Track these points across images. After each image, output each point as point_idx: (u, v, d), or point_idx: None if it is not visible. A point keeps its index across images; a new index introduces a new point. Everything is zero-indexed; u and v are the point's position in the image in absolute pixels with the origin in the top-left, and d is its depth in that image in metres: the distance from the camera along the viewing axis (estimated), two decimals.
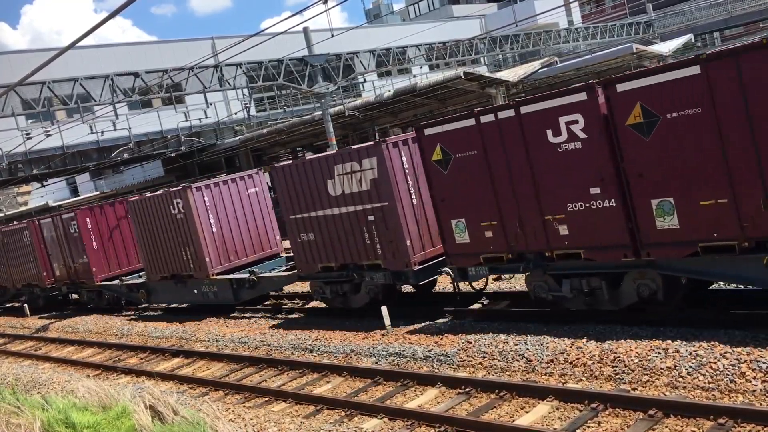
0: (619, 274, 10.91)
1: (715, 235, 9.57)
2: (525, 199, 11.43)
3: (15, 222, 32.93)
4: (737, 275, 9.83)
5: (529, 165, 11.24)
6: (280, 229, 19.65)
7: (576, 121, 10.57)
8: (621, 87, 10.00)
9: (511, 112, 11.40)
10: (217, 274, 18.71)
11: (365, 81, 47.04)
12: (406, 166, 13.78)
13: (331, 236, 14.91)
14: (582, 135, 10.54)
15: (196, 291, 19.49)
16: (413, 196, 13.83)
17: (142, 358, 16.86)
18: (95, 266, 23.20)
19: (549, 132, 10.86)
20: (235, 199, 19.29)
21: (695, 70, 9.29)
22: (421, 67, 51.30)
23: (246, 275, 17.87)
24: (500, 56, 53.07)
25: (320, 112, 31.43)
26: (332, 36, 27.29)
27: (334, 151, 15.44)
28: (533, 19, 47.46)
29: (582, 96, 10.45)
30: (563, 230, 11.06)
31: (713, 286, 11.82)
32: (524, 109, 11.19)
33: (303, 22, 32.03)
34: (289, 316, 17.16)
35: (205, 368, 14.76)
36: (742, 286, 11.07)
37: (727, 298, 11.38)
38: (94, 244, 23.16)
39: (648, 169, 9.99)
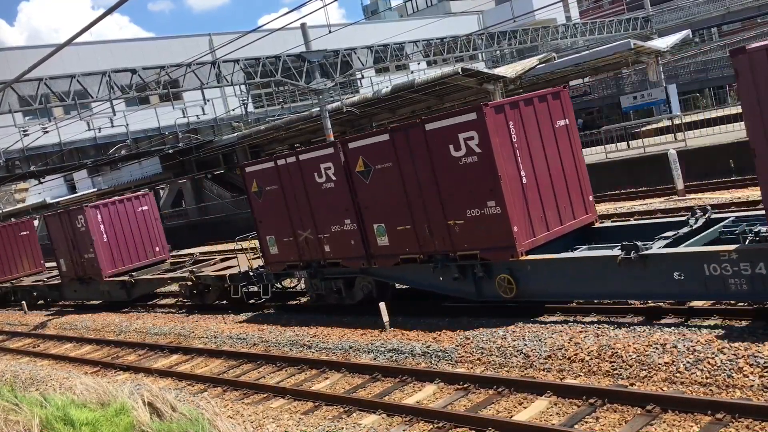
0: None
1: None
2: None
3: None
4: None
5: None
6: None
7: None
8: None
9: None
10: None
11: (363, 77, 46.97)
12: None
13: None
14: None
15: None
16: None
17: (140, 355, 16.87)
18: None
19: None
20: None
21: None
22: (419, 64, 51.16)
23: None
24: (498, 52, 53.06)
25: (318, 109, 31.41)
26: (330, 32, 27.24)
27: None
28: (531, 15, 47.49)
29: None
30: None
31: None
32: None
33: (300, 19, 32.05)
34: (288, 314, 17.15)
35: (203, 365, 14.76)
36: None
37: None
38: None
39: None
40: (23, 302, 27.93)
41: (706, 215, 12.04)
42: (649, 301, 11.22)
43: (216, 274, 19.25)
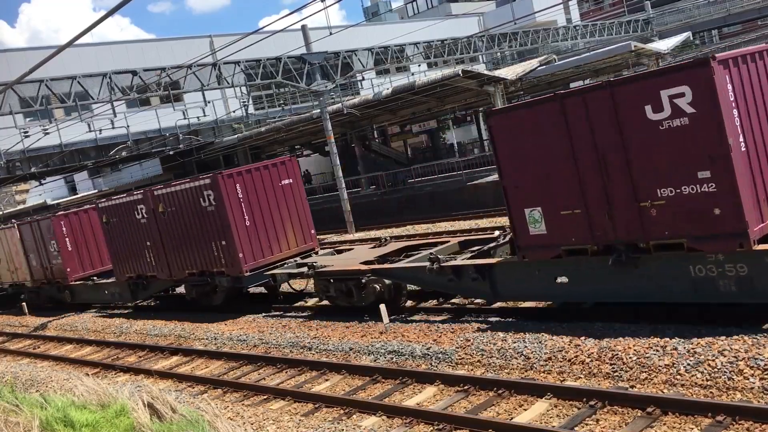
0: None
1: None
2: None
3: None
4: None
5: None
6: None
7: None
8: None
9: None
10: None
11: (363, 79, 47.01)
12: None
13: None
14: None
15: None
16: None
17: (140, 357, 16.86)
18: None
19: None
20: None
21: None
22: (419, 65, 51.25)
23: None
24: (498, 54, 53.07)
25: (318, 110, 31.42)
26: (330, 34, 27.27)
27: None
28: (532, 17, 47.49)
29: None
30: None
31: None
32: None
33: (301, 20, 32.02)
34: (288, 314, 17.15)
35: (203, 366, 14.76)
36: None
37: None
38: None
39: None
40: (23, 304, 27.86)
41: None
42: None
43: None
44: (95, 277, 24.12)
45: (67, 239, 24.50)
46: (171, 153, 39.10)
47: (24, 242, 26.77)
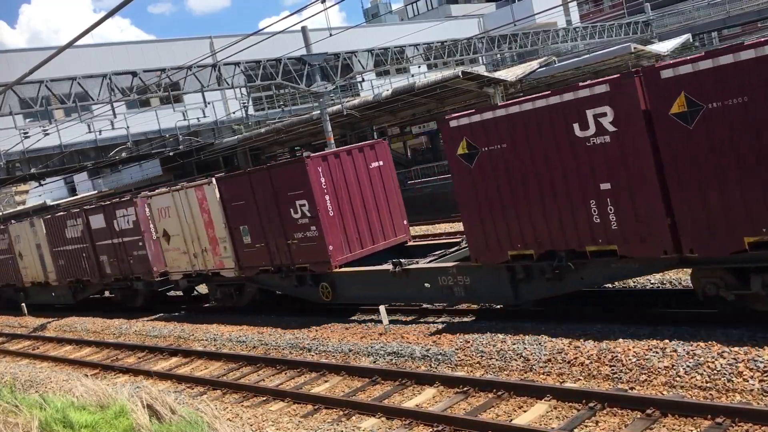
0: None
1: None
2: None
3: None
4: None
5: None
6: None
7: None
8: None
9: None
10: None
11: (363, 80, 46.94)
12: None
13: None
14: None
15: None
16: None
17: (139, 358, 16.86)
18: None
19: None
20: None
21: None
22: (419, 67, 51.31)
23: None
24: (498, 56, 53.08)
25: (318, 112, 31.42)
26: (330, 35, 27.28)
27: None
28: (531, 19, 47.50)
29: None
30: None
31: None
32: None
33: (301, 22, 32.10)
34: (287, 315, 17.14)
35: (203, 367, 14.75)
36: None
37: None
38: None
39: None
40: (23, 304, 27.86)
41: None
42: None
43: None
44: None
45: (327, 197, 15.54)
46: (171, 154, 39.10)
47: (224, 202, 17.26)
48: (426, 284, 13.46)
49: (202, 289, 21.47)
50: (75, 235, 23.71)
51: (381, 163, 16.81)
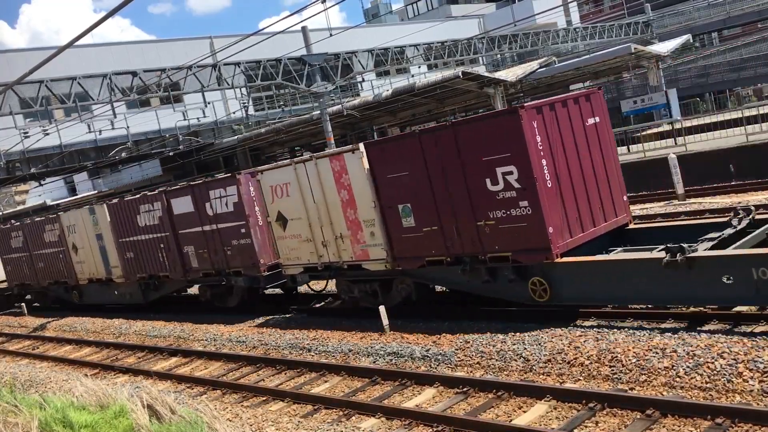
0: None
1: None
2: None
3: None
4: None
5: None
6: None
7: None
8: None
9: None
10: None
11: (363, 80, 46.99)
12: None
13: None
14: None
15: None
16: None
17: (139, 357, 16.85)
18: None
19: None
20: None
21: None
22: (419, 67, 51.33)
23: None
24: (498, 56, 53.09)
25: (318, 112, 31.42)
26: (330, 35, 27.28)
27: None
28: (532, 19, 47.48)
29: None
30: None
31: None
32: None
33: (301, 22, 32.10)
34: (287, 315, 17.15)
35: (202, 367, 14.75)
36: None
37: None
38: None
39: None
40: (22, 305, 27.77)
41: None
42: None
43: None
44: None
45: (544, 162, 11.64)
46: (171, 154, 39.10)
47: (375, 174, 13.68)
48: (725, 278, 9.74)
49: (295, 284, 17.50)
50: (150, 222, 19.95)
51: (597, 119, 13.03)
